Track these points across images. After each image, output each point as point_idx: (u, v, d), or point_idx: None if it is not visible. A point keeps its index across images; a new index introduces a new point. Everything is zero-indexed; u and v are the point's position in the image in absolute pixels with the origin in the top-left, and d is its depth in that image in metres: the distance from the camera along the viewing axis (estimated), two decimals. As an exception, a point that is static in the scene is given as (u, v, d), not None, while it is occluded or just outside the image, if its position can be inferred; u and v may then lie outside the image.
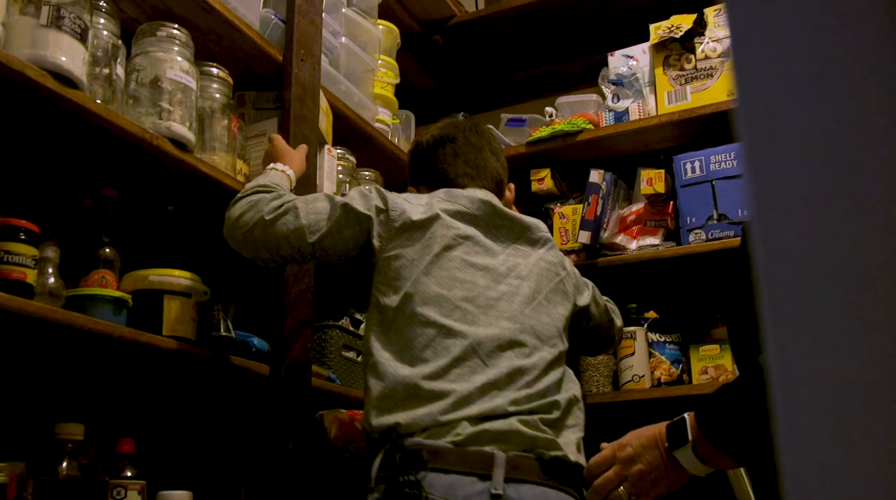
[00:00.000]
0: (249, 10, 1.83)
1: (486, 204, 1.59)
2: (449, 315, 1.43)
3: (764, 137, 0.35)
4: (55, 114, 1.37)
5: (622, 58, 2.51)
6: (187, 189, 1.68)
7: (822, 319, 0.32)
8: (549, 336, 1.51)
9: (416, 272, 1.47)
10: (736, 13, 0.33)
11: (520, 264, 1.56)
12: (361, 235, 1.51)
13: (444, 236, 1.51)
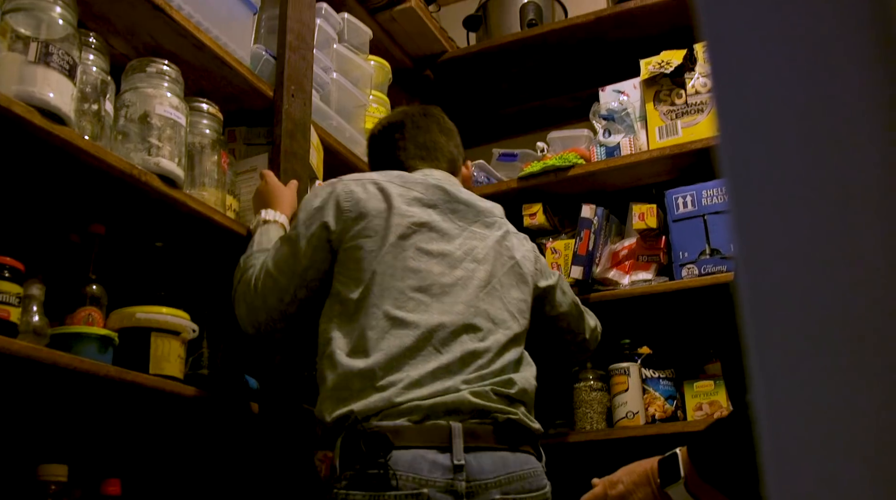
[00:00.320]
0: (240, 47, 1.83)
1: (440, 189, 1.60)
2: (402, 306, 1.45)
3: (747, 178, 0.35)
4: (42, 150, 1.36)
5: (613, 93, 2.51)
6: (176, 225, 1.67)
7: (809, 358, 0.32)
8: (503, 319, 1.53)
9: (374, 264, 1.48)
10: (717, 54, 0.33)
11: (476, 246, 1.58)
12: (328, 245, 1.53)
13: (399, 225, 1.52)
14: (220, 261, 1.76)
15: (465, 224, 1.60)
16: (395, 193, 1.55)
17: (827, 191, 0.33)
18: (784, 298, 0.33)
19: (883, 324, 0.31)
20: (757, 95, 0.32)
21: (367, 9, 2.46)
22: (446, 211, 1.59)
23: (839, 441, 0.31)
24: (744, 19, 0.31)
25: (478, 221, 1.62)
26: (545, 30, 2.64)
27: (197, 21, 1.69)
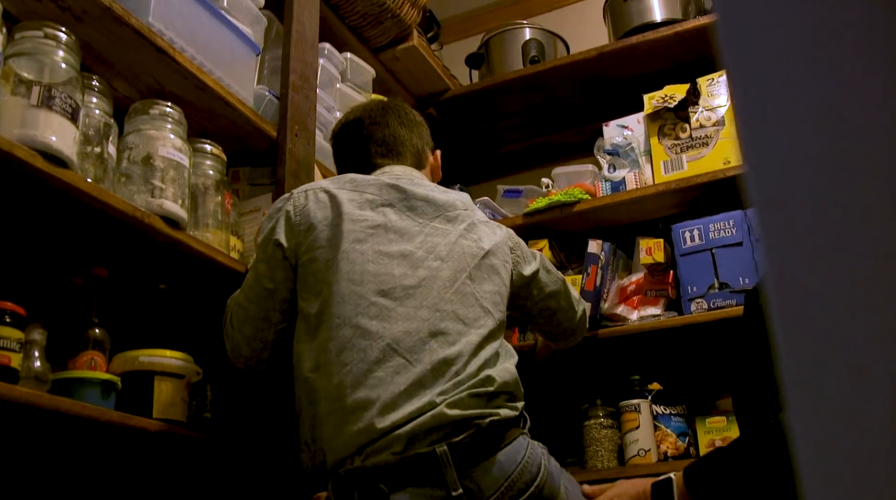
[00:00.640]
0: (243, 87, 1.83)
1: (395, 188, 1.54)
2: (364, 312, 1.38)
3: (775, 203, 0.33)
4: (45, 193, 1.35)
5: (617, 128, 2.51)
6: (180, 267, 1.65)
7: (841, 374, 0.32)
8: (474, 318, 1.44)
9: (329, 274, 1.42)
10: (738, 78, 0.31)
11: (439, 244, 1.50)
12: (286, 263, 1.48)
13: (352, 231, 1.45)
14: (224, 302, 1.75)
15: (426, 221, 1.52)
16: (346, 198, 1.49)
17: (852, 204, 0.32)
18: (815, 317, 0.32)
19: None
20: (779, 114, 0.31)
21: (370, 48, 2.47)
22: (403, 209, 1.52)
23: (873, 460, 0.31)
24: (765, 46, 0.30)
25: (439, 217, 1.54)
26: (547, 66, 2.65)
27: (200, 63, 1.69)
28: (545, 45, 2.82)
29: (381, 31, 2.42)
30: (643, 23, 2.59)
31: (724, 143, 2.27)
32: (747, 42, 0.30)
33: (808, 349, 0.32)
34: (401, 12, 2.37)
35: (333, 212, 1.48)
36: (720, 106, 2.32)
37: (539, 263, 1.71)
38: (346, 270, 1.41)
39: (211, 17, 1.75)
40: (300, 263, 1.47)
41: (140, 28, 1.54)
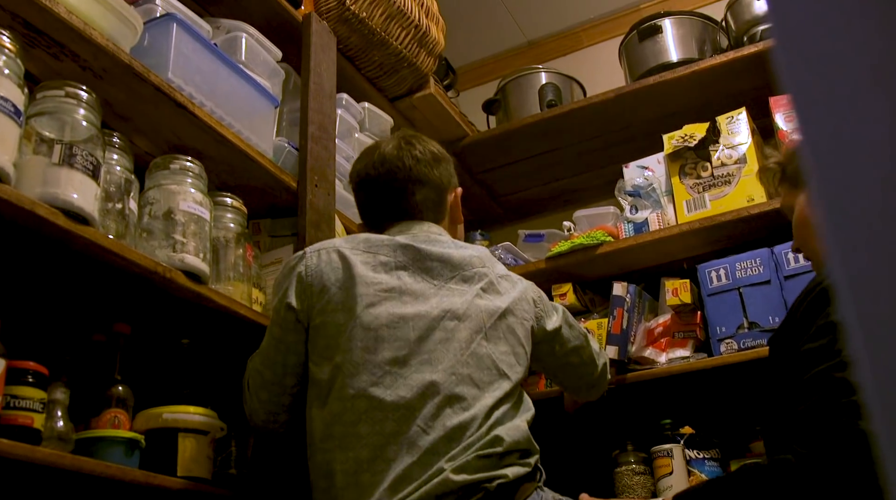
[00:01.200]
0: (262, 140, 1.84)
1: (408, 248, 1.49)
2: (379, 382, 1.34)
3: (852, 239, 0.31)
4: (66, 250, 1.34)
5: (637, 169, 2.49)
6: (202, 321, 1.64)
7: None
8: (489, 381, 1.40)
9: (342, 339, 1.38)
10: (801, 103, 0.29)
11: (455, 303, 1.45)
12: (299, 325, 1.45)
13: (366, 295, 1.41)
14: (247, 356, 1.73)
15: (441, 282, 1.48)
16: (359, 260, 1.45)
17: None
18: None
19: None
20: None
21: (387, 97, 2.48)
22: (418, 271, 1.47)
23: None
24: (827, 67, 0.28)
25: (455, 277, 1.49)
26: (565, 110, 2.65)
27: (219, 116, 1.70)
28: (562, 88, 2.83)
29: (397, 81, 2.43)
30: (659, 63, 2.59)
31: (747, 180, 2.25)
32: (807, 65, 0.29)
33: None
34: (417, 61, 2.38)
35: (346, 274, 1.44)
36: (741, 143, 2.30)
37: (561, 318, 1.67)
38: (359, 336, 1.38)
39: (230, 71, 1.76)
40: (312, 325, 1.43)
41: (160, 84, 1.55)
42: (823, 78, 0.28)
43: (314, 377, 1.41)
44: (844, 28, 0.28)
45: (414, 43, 2.34)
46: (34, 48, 1.42)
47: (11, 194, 1.20)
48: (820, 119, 0.28)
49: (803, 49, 0.29)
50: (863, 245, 0.29)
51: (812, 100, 0.28)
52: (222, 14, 2.01)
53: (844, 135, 0.28)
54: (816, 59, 0.29)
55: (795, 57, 0.28)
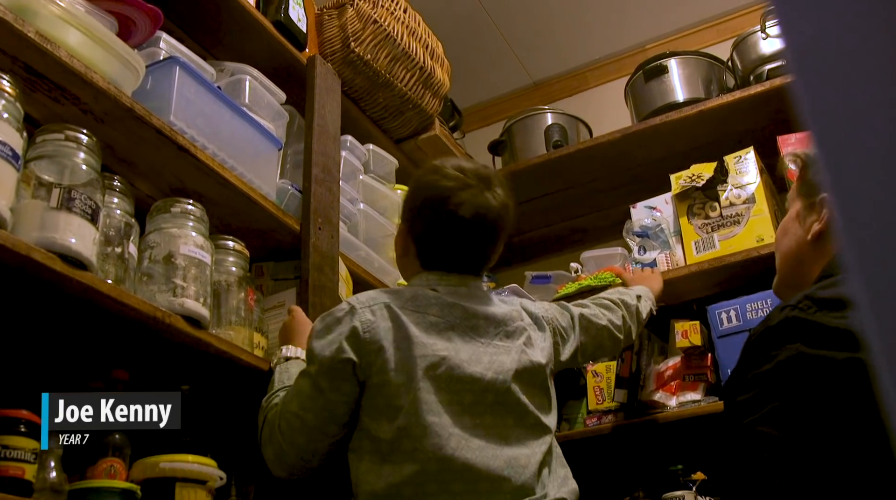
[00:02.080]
0: (266, 182, 1.82)
1: (456, 307, 1.47)
2: (446, 445, 1.34)
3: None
4: (63, 295, 1.32)
5: (645, 209, 2.47)
6: (203, 366, 1.61)
7: None
8: (536, 437, 1.44)
9: (405, 402, 1.36)
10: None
11: (504, 363, 1.45)
12: (355, 378, 1.41)
13: (424, 357, 1.39)
14: (249, 402, 1.70)
15: (488, 339, 1.48)
16: (411, 320, 1.43)
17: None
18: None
19: None
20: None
21: (392, 139, 2.47)
22: (466, 330, 1.46)
23: None
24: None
25: (499, 333, 1.49)
26: (571, 150, 2.64)
27: (222, 159, 1.69)
28: (568, 129, 2.82)
29: (402, 122, 2.42)
30: (666, 103, 2.58)
31: (756, 220, 2.22)
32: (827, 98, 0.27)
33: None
34: (422, 103, 2.37)
35: (400, 334, 1.42)
36: (749, 183, 2.28)
37: (577, 337, 1.69)
38: (424, 399, 1.37)
39: (233, 114, 1.76)
40: (371, 382, 1.40)
41: (161, 127, 1.53)
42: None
43: (370, 432, 1.39)
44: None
45: (419, 85, 2.34)
46: (35, 92, 1.42)
47: (7, 239, 1.18)
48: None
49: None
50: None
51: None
52: (227, 57, 2.01)
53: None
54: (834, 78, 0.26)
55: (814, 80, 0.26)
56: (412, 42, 2.29)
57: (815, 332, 1.12)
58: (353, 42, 2.19)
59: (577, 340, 1.68)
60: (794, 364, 1.12)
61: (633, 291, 1.97)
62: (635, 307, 1.89)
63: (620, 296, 1.89)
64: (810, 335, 1.12)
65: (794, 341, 1.14)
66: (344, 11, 2.25)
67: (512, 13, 3.22)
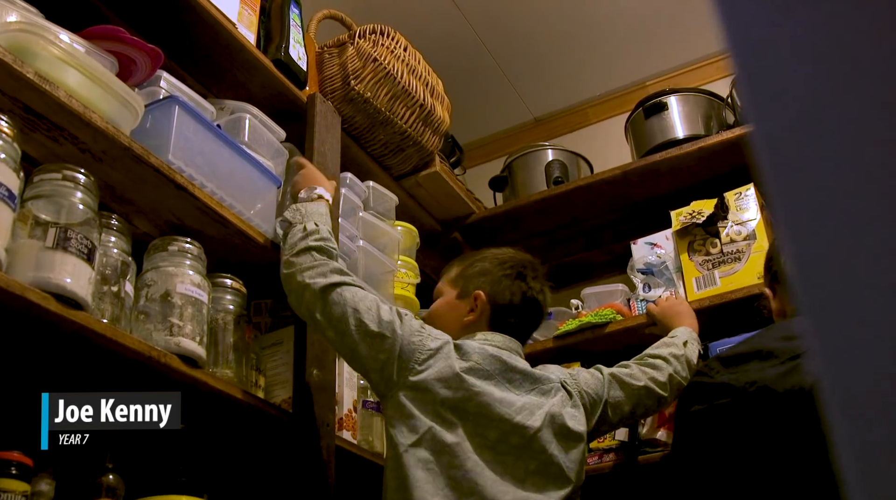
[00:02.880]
0: (264, 220, 1.82)
1: (496, 359, 1.59)
2: (460, 466, 1.45)
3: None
4: (58, 335, 1.32)
5: (645, 245, 2.47)
6: (199, 406, 1.60)
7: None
8: (558, 487, 1.53)
9: (431, 419, 1.49)
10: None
11: (534, 412, 1.56)
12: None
13: (459, 388, 1.52)
14: (245, 441, 1.69)
15: (523, 392, 1.59)
16: (459, 366, 1.55)
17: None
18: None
19: None
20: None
21: (392, 175, 2.48)
22: (503, 381, 1.58)
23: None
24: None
25: (534, 390, 1.61)
26: (571, 187, 2.64)
27: (220, 198, 1.69)
28: (568, 165, 2.82)
29: (402, 159, 2.43)
30: (666, 140, 2.59)
31: (757, 257, 2.22)
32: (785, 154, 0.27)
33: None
34: (422, 140, 2.38)
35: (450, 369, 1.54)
36: (750, 219, 2.28)
37: (606, 397, 1.73)
38: (450, 423, 1.49)
39: (231, 152, 1.76)
40: (451, 399, 1.51)
41: (160, 166, 1.54)
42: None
43: (437, 437, 1.47)
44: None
45: (419, 122, 2.35)
46: (34, 132, 1.42)
47: (2, 279, 1.18)
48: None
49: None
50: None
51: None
52: (227, 95, 2.02)
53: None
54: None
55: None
56: (412, 80, 2.30)
57: (707, 390, 1.41)
58: (353, 80, 2.21)
59: (606, 399, 1.73)
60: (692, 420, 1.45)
61: (678, 338, 1.95)
62: (684, 357, 1.89)
63: (668, 349, 1.89)
64: (703, 394, 1.42)
65: (694, 401, 1.44)
66: (344, 50, 2.26)
67: (512, 50, 3.25)
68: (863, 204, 0.30)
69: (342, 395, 1.88)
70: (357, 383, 1.97)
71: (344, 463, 1.79)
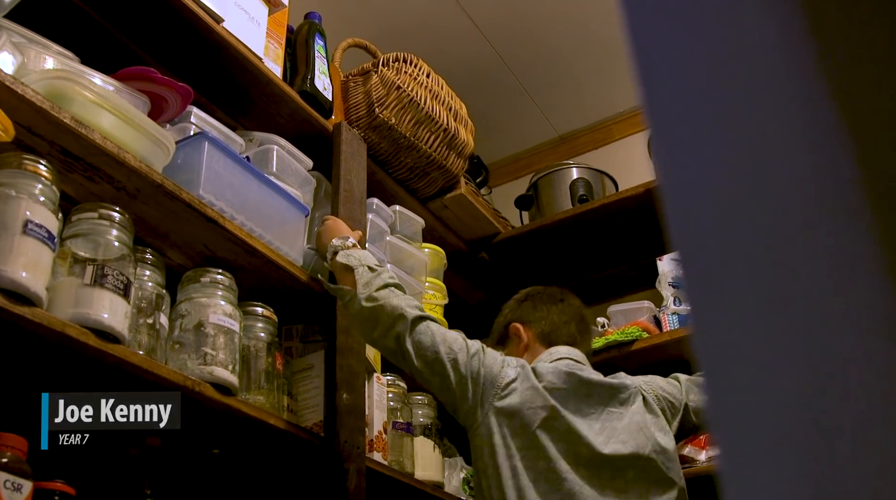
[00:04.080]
0: (293, 249, 1.88)
1: (571, 375, 1.63)
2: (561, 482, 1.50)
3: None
4: (97, 368, 1.38)
5: (671, 261, 2.49)
6: (232, 431, 1.65)
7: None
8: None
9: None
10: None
11: (616, 428, 1.60)
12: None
13: (569, 413, 1.58)
14: (278, 465, 1.73)
15: (601, 406, 1.63)
16: (527, 385, 1.59)
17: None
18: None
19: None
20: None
21: (419, 199, 2.52)
22: (580, 397, 1.62)
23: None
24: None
25: (613, 401, 1.65)
26: (597, 205, 2.67)
27: (250, 229, 1.75)
28: (593, 183, 2.85)
29: (428, 182, 2.47)
30: (688, 157, 2.60)
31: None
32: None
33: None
34: (447, 163, 2.43)
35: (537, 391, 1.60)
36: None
37: (681, 409, 1.81)
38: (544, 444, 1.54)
39: (260, 184, 1.82)
40: (538, 421, 1.55)
41: (191, 201, 1.60)
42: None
43: (533, 466, 1.52)
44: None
45: (443, 146, 2.39)
46: (71, 173, 1.49)
47: (43, 317, 1.24)
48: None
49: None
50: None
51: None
52: (255, 127, 2.08)
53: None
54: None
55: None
56: (436, 105, 2.35)
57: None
58: (377, 107, 2.26)
59: (686, 403, 1.81)
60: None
61: None
62: None
63: None
64: None
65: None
66: (368, 78, 2.32)
67: (535, 68, 3.28)
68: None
69: (372, 417, 1.92)
70: (386, 405, 2.01)
71: (375, 485, 1.83)
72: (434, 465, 2.11)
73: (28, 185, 1.29)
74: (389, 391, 2.05)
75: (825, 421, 0.30)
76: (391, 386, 2.07)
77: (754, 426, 0.31)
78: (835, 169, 0.31)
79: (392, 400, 2.05)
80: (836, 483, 0.29)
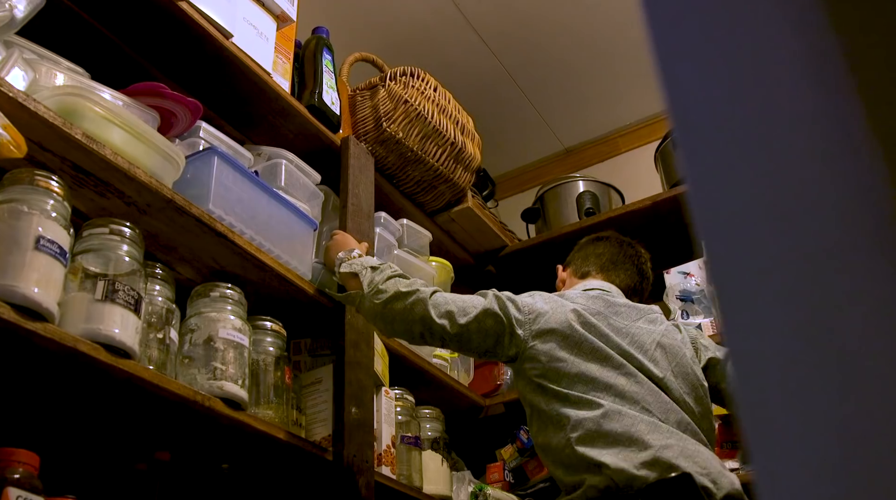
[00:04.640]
0: (301, 263, 1.88)
1: (598, 299, 1.70)
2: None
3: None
4: (108, 383, 1.38)
5: (678, 274, 2.49)
6: (242, 446, 1.65)
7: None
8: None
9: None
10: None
11: (645, 342, 1.65)
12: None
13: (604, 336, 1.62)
14: (288, 479, 1.73)
15: (630, 321, 1.68)
16: (570, 307, 1.65)
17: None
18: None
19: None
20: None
21: (426, 212, 2.53)
22: (609, 315, 1.67)
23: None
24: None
25: (641, 319, 1.70)
26: (603, 218, 2.67)
27: (259, 243, 1.75)
28: (599, 196, 2.85)
29: (435, 196, 2.48)
30: (695, 169, 2.60)
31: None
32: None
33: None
34: (454, 177, 2.43)
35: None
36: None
37: (712, 355, 1.80)
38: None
39: (269, 198, 1.83)
40: (576, 337, 1.60)
41: (200, 216, 1.60)
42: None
43: (581, 371, 1.57)
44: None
45: (450, 160, 2.40)
46: (82, 188, 1.50)
47: (55, 333, 1.24)
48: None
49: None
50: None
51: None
52: (264, 141, 2.09)
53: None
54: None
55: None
56: (443, 119, 2.36)
57: None
58: (385, 121, 2.27)
59: (712, 356, 1.80)
60: None
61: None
62: None
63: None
64: None
65: None
66: (376, 92, 2.33)
67: (541, 81, 3.29)
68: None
69: (380, 431, 1.92)
70: (395, 419, 2.01)
71: (384, 498, 1.83)
72: (442, 479, 2.11)
73: (40, 201, 1.30)
74: (398, 405, 2.05)
75: (858, 431, 0.30)
76: (399, 400, 2.07)
77: (788, 436, 0.32)
78: (864, 174, 0.32)
79: (400, 414, 2.05)
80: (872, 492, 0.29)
